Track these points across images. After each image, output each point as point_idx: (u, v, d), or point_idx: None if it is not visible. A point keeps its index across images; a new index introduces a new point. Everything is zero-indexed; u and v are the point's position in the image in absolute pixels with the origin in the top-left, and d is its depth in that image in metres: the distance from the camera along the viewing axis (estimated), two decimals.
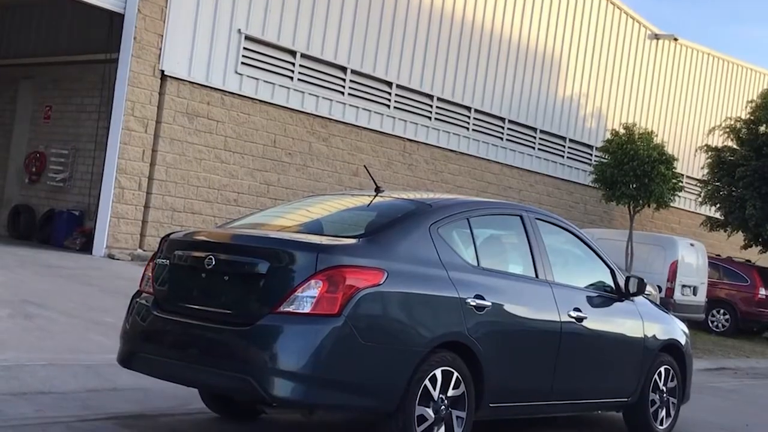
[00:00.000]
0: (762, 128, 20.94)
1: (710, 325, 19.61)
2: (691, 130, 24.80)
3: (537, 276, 6.08)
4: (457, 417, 5.23)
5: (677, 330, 7.38)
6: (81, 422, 5.35)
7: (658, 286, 16.40)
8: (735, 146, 21.39)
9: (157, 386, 6.41)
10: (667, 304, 15.76)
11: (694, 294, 17.77)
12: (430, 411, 5.06)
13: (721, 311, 19.82)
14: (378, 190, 6.11)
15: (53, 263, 11.36)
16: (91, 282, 10.40)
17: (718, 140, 22.22)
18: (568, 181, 21.31)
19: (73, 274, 10.81)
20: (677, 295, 17.16)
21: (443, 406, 5.14)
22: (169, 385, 6.24)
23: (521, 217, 6.22)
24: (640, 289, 6.79)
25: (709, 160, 21.68)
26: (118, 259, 12.75)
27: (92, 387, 6.32)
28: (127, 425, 5.43)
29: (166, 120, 13.50)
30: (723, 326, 19.72)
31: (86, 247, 13.27)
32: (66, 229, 14.10)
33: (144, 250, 13.05)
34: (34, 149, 15.54)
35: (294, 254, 4.89)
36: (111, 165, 13.02)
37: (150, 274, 5.46)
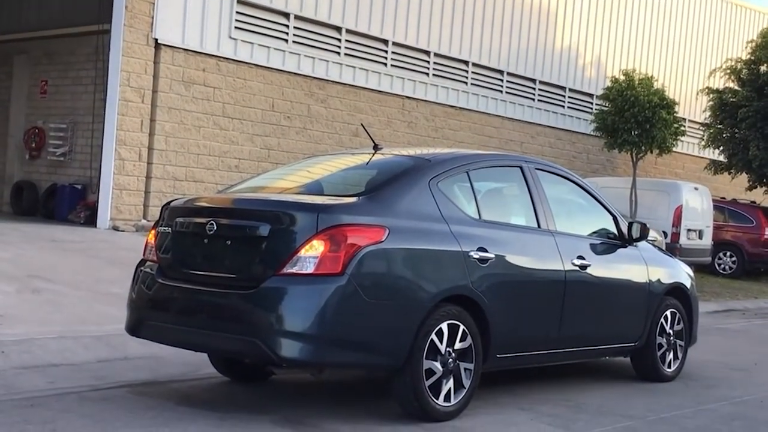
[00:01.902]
0: (763, 68, 20.75)
1: (717, 267, 19.65)
2: (691, 73, 24.59)
3: (539, 226, 6.09)
4: (465, 369, 5.28)
5: (682, 273, 7.40)
6: (93, 391, 5.41)
7: (664, 232, 16.39)
8: (736, 87, 21.21)
9: (168, 354, 6.48)
10: (673, 249, 15.79)
11: (700, 238, 17.78)
12: (437, 364, 5.11)
13: (728, 254, 19.86)
14: (376, 147, 6.10)
15: (58, 237, 11.40)
16: (97, 254, 10.44)
17: (719, 82, 22.04)
18: (570, 131, 21.20)
19: (78, 247, 10.85)
20: (683, 239, 17.16)
21: (451, 359, 5.18)
22: (179, 353, 6.31)
23: (521, 167, 6.21)
24: (643, 235, 6.81)
25: (710, 102, 21.53)
26: (122, 231, 12.78)
27: (103, 357, 6.39)
28: (139, 392, 5.48)
29: (163, 89, 13.43)
30: (730, 268, 19.77)
31: (90, 221, 13.30)
32: (69, 203, 14.13)
33: (148, 221, 13.07)
34: (33, 125, 15.52)
35: (294, 215, 4.90)
36: (110, 137, 12.98)
37: (153, 243, 5.48)
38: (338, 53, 15.95)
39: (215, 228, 5.05)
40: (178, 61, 13.60)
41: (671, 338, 7.11)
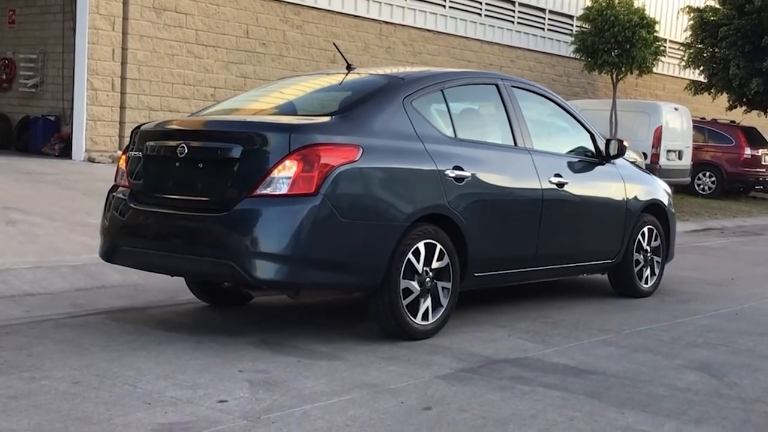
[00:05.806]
0: None
1: (696, 188, 19.75)
2: None
3: (516, 144, 6.04)
4: (443, 288, 5.28)
5: (659, 190, 7.40)
6: (70, 318, 5.39)
7: (644, 153, 16.41)
8: (717, 6, 21.01)
9: (146, 282, 6.47)
10: (653, 169, 15.81)
11: (680, 158, 17.81)
12: (415, 284, 5.10)
13: (707, 174, 19.94)
14: (349, 67, 6.00)
15: (33, 170, 11.24)
16: (73, 186, 10.32)
17: (700, 1, 21.80)
18: (550, 54, 20.98)
19: (54, 179, 10.71)
20: (663, 160, 17.19)
21: (428, 279, 5.18)
22: (158, 280, 6.29)
23: (497, 85, 6.13)
24: (621, 152, 6.78)
25: (691, 22, 21.34)
26: (98, 162, 12.63)
27: (80, 286, 6.35)
28: (116, 318, 5.47)
29: (133, 16, 13.10)
30: (709, 188, 19.88)
31: (65, 153, 13.11)
32: (43, 135, 13.89)
33: None
34: (2, 56, 15.14)
35: (266, 136, 4.82)
36: (81, 67, 12.71)
37: (124, 168, 5.40)
38: None
39: (186, 151, 4.96)
40: None
41: (648, 254, 7.15)
